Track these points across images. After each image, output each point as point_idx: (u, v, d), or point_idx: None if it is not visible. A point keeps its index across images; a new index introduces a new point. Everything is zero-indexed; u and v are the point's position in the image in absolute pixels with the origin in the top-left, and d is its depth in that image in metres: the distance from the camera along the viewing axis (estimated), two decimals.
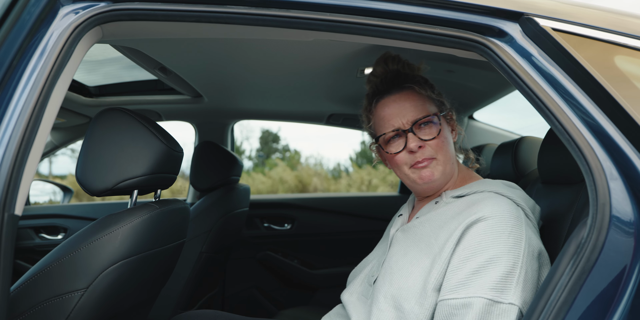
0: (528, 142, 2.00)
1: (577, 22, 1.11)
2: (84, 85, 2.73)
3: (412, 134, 1.34)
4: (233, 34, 1.27)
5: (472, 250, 1.17)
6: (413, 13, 1.12)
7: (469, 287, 1.14)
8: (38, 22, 1.03)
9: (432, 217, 1.34)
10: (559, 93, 1.05)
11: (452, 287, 1.16)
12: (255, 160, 19.77)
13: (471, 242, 1.18)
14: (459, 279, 1.16)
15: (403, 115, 1.37)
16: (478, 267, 1.15)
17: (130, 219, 1.32)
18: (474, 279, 1.14)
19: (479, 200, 1.27)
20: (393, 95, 1.41)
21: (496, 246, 1.15)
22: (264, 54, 1.81)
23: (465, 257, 1.17)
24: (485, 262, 1.15)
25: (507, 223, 1.18)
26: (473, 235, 1.19)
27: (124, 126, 1.36)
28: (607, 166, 0.99)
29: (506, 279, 1.12)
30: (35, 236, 3.10)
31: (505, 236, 1.16)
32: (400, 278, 1.26)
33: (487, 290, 1.12)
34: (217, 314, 1.55)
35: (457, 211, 1.28)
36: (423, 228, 1.33)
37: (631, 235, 0.96)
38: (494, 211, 1.21)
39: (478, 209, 1.23)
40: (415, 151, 1.34)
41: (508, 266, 1.13)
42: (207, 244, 2.54)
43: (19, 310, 1.20)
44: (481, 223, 1.20)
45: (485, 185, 1.34)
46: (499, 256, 1.14)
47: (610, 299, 0.95)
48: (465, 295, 1.13)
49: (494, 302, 1.10)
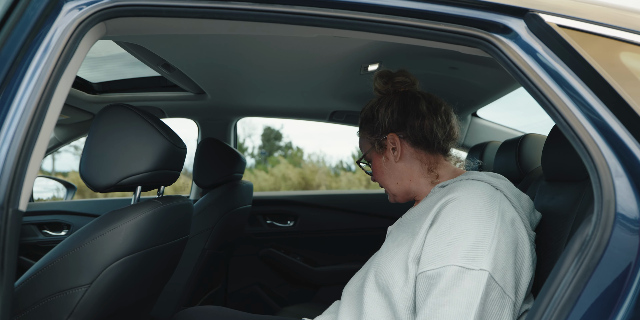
0: (532, 140, 2.00)
1: (583, 18, 1.11)
2: (88, 81, 2.73)
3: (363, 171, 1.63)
4: (236, 30, 1.27)
5: (447, 226, 1.23)
6: (417, 9, 1.12)
7: (443, 258, 1.19)
8: (42, 18, 1.03)
9: (418, 206, 1.41)
10: (564, 90, 1.04)
11: (429, 259, 1.21)
12: (257, 158, 19.77)
13: (445, 218, 1.25)
14: (435, 252, 1.21)
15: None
16: (452, 239, 1.20)
17: (133, 215, 1.32)
18: (447, 250, 1.20)
19: (454, 186, 1.33)
20: None
21: (469, 220, 1.21)
22: (267, 51, 1.81)
23: (441, 232, 1.23)
24: (458, 234, 1.20)
25: (479, 199, 1.25)
26: (447, 212, 1.25)
27: (127, 122, 1.36)
28: (612, 163, 0.98)
29: (477, 247, 1.17)
30: (39, 232, 3.11)
31: (478, 210, 1.22)
32: (387, 260, 1.32)
33: (459, 258, 1.17)
34: (219, 310, 1.55)
35: (435, 199, 1.34)
36: (411, 217, 1.41)
37: (636, 233, 0.96)
38: (467, 191, 1.27)
39: (453, 191, 1.30)
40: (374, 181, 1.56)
41: (479, 236, 1.19)
42: (210, 241, 2.55)
43: (23, 306, 1.20)
44: (455, 201, 1.26)
45: (467, 175, 1.40)
46: (470, 228, 1.20)
47: (614, 296, 0.95)
48: (440, 264, 1.18)
49: (465, 269, 1.15)
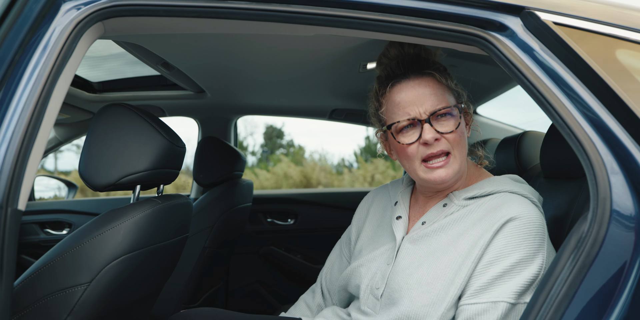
0: (531, 137, 2.00)
1: (579, 15, 1.11)
2: (88, 81, 2.74)
3: (428, 125, 1.24)
4: (234, 29, 1.27)
5: (497, 253, 1.17)
6: (414, 7, 1.12)
7: (492, 291, 1.14)
8: (40, 18, 1.03)
9: (446, 224, 1.28)
10: (560, 87, 1.05)
11: (474, 291, 1.16)
12: (259, 156, 19.78)
13: (497, 245, 1.18)
14: (482, 282, 1.16)
15: (421, 103, 1.26)
16: (503, 271, 1.15)
17: (132, 213, 1.32)
18: (497, 283, 1.15)
19: (500, 204, 1.24)
20: (411, 81, 1.29)
21: (522, 249, 1.15)
22: (265, 49, 1.81)
23: (490, 260, 1.17)
24: (511, 266, 1.15)
25: (533, 224, 1.18)
26: (500, 238, 1.18)
27: (126, 121, 1.36)
28: (608, 160, 0.99)
29: (529, 283, 1.14)
30: (41, 231, 3.12)
31: (532, 238, 1.17)
32: (422, 294, 1.21)
33: (511, 294, 1.13)
34: (215, 312, 1.54)
35: (477, 217, 1.24)
36: (438, 237, 1.27)
37: (632, 230, 0.96)
38: (521, 212, 1.19)
39: (504, 212, 1.20)
40: (431, 144, 1.24)
41: (534, 272, 1.14)
42: (211, 239, 2.55)
43: (23, 304, 1.21)
44: (509, 224, 1.18)
45: (496, 185, 1.30)
46: (525, 260, 1.15)
47: (610, 293, 0.95)
48: (487, 299, 1.14)
49: (514, 305, 1.13)
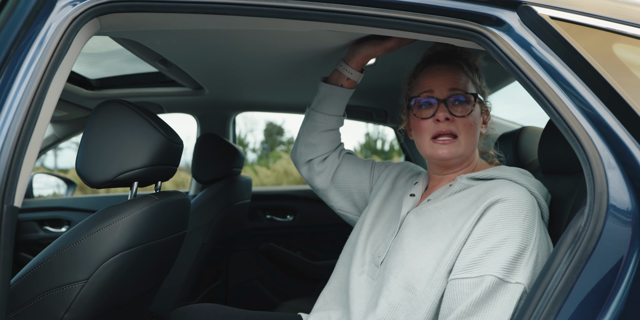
0: (529, 133, 2.00)
1: (576, 10, 1.10)
2: (86, 78, 2.73)
3: (444, 105, 1.37)
4: (231, 25, 1.27)
5: (486, 230, 1.21)
6: (410, 2, 1.12)
7: (481, 266, 1.17)
8: (34, 14, 1.03)
9: (449, 203, 1.36)
10: (557, 82, 1.05)
11: (465, 266, 1.19)
12: (259, 153, 19.77)
13: (486, 223, 1.22)
14: (471, 258, 1.19)
15: (443, 84, 1.39)
16: (491, 246, 1.18)
17: (129, 210, 1.32)
18: (486, 258, 1.18)
19: (494, 186, 1.30)
20: (442, 66, 1.44)
21: (511, 227, 1.19)
22: (263, 45, 1.81)
23: (479, 236, 1.21)
24: (499, 242, 1.18)
25: (523, 207, 1.22)
26: (489, 216, 1.23)
27: (123, 118, 1.36)
28: (605, 155, 0.98)
29: (517, 259, 1.16)
30: (39, 229, 3.12)
31: (521, 219, 1.20)
32: (413, 260, 1.28)
33: (498, 269, 1.15)
34: (215, 308, 1.55)
35: (475, 198, 1.31)
36: (439, 213, 1.35)
37: (628, 224, 0.96)
38: (511, 194, 1.24)
39: (495, 193, 1.26)
40: (442, 121, 1.36)
41: (520, 247, 1.17)
42: (209, 236, 2.56)
43: (20, 301, 1.21)
44: (498, 204, 1.23)
45: (500, 171, 1.37)
46: (513, 237, 1.18)
47: (607, 287, 0.95)
48: (478, 273, 1.17)
49: (502, 281, 1.14)
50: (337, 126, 1.74)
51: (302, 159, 1.75)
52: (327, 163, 1.72)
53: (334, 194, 1.74)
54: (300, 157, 1.75)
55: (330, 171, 1.72)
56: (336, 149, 1.75)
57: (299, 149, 1.75)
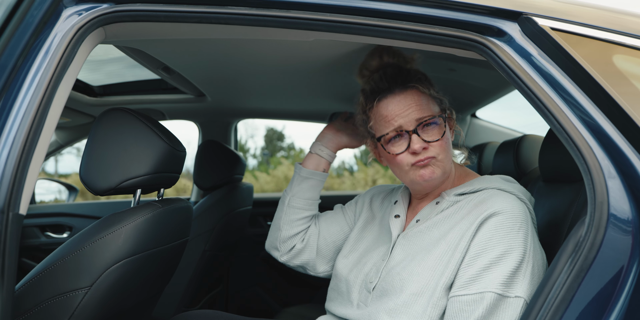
0: (530, 141, 2.00)
1: (576, 21, 1.12)
2: (89, 84, 2.75)
3: (416, 136, 1.30)
4: (234, 34, 1.28)
5: (483, 246, 1.20)
6: (412, 13, 1.13)
7: (480, 283, 1.17)
8: (42, 23, 1.04)
9: (438, 220, 1.33)
10: (558, 92, 1.06)
11: (463, 283, 1.19)
12: (259, 159, 19.77)
13: (482, 239, 1.21)
14: (470, 275, 1.19)
15: (407, 114, 1.32)
16: (489, 262, 1.18)
17: (133, 217, 1.33)
18: (484, 274, 1.17)
19: (485, 198, 1.29)
20: (396, 95, 1.35)
21: (507, 241, 1.19)
22: (265, 54, 1.82)
23: (476, 253, 1.20)
24: (496, 258, 1.18)
25: (517, 218, 1.22)
26: (484, 232, 1.22)
27: (127, 126, 1.37)
28: (605, 165, 0.99)
29: (514, 273, 1.16)
30: (41, 235, 3.13)
31: (515, 231, 1.20)
32: (412, 284, 1.25)
33: (497, 285, 1.15)
34: (216, 314, 1.55)
35: (465, 212, 1.29)
36: (430, 233, 1.32)
37: (629, 234, 0.97)
38: (504, 207, 1.23)
39: (488, 206, 1.25)
40: (419, 152, 1.31)
41: (517, 261, 1.16)
42: (211, 242, 2.56)
43: (24, 308, 1.21)
44: (492, 219, 1.22)
45: (486, 182, 1.35)
46: (509, 251, 1.18)
47: (608, 297, 0.96)
48: (476, 290, 1.16)
49: (502, 297, 1.14)
50: (316, 210, 1.69)
51: (284, 248, 1.65)
52: (307, 236, 1.65)
53: (321, 261, 1.65)
54: (282, 247, 1.65)
55: (314, 242, 1.64)
56: (311, 220, 1.68)
57: (281, 243, 1.65)
